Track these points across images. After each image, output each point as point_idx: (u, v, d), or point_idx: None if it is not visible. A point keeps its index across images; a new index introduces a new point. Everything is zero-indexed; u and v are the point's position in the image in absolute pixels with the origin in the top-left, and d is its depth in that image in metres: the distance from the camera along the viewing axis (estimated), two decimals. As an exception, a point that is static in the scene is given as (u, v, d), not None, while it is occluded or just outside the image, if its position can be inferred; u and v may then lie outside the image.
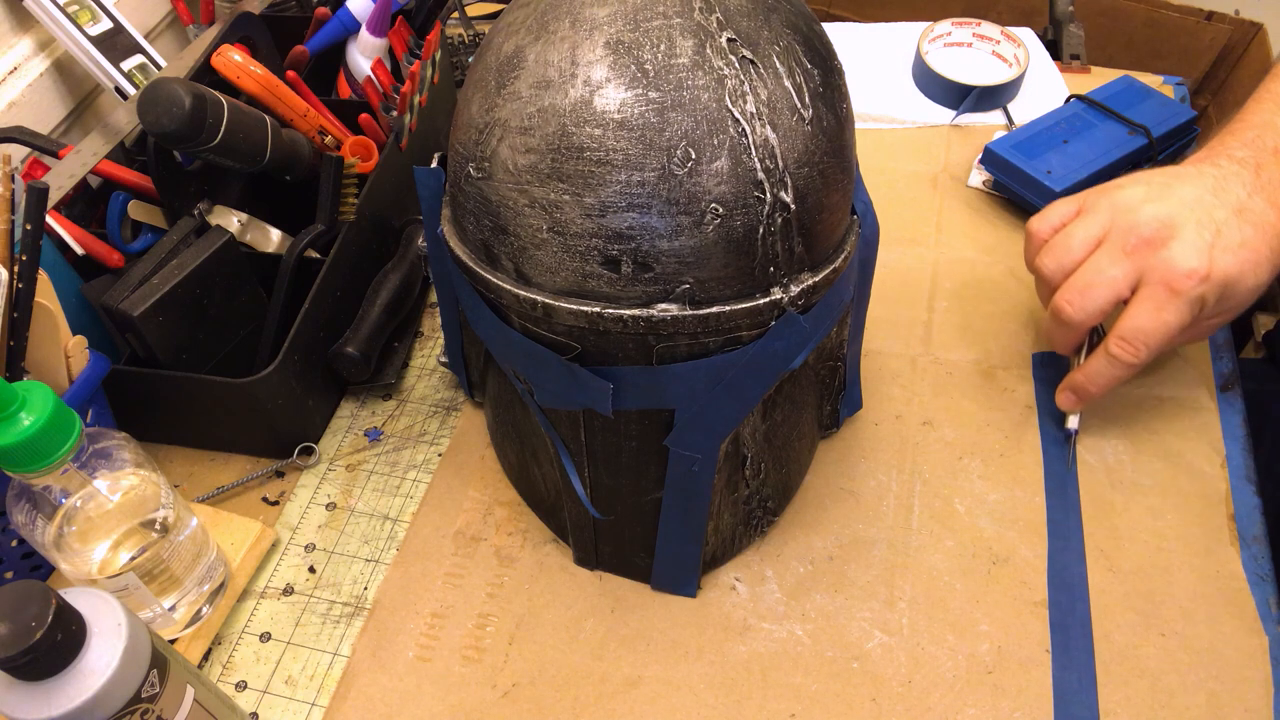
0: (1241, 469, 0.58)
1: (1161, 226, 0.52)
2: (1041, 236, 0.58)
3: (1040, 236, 0.58)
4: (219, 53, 0.64)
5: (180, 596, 0.51)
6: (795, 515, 0.57)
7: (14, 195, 0.48)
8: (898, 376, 0.64)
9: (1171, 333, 0.53)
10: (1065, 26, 0.88)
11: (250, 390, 0.56)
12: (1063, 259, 0.56)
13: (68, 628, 0.35)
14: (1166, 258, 0.52)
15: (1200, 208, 0.53)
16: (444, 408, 0.65)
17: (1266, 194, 0.53)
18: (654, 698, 0.50)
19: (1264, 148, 0.55)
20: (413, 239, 0.70)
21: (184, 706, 0.41)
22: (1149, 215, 0.53)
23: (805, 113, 0.40)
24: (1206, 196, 0.53)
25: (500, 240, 0.42)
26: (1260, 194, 0.53)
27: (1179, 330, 0.53)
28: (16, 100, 0.72)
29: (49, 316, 0.50)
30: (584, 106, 0.38)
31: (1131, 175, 0.57)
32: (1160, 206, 0.53)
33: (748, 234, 0.40)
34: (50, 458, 0.41)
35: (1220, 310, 0.54)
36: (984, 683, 0.50)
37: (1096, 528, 0.56)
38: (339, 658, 0.53)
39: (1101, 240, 0.55)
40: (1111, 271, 0.53)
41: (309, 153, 0.66)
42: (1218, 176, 0.54)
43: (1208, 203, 0.53)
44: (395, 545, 0.58)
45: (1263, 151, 0.54)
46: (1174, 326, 0.52)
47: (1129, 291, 0.54)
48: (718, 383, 0.43)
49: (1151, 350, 0.53)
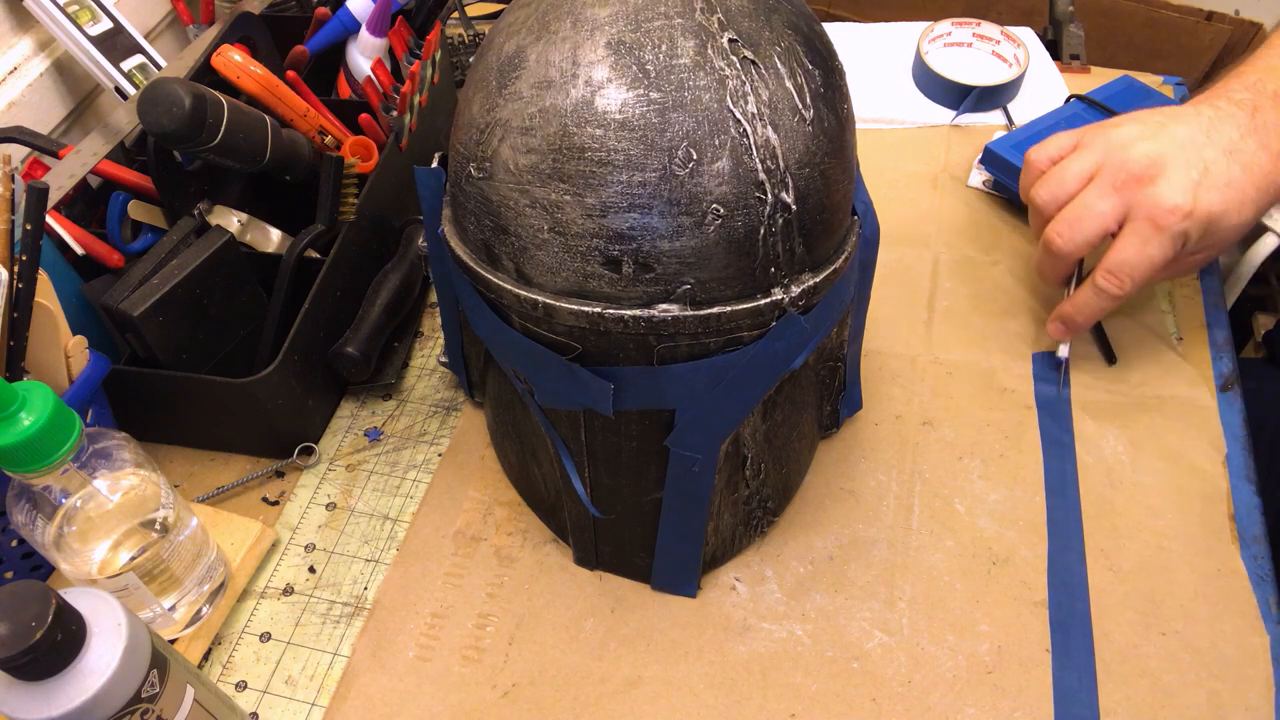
0: (1241, 469, 0.58)
1: (1151, 164, 0.54)
2: (1039, 167, 0.61)
3: (1038, 167, 0.61)
4: (219, 53, 0.64)
5: (180, 596, 0.51)
6: (795, 515, 0.57)
7: (14, 195, 0.48)
8: (898, 376, 0.64)
9: (1155, 266, 0.55)
10: (1065, 26, 0.88)
11: (250, 390, 0.56)
12: (1056, 191, 0.58)
13: (68, 628, 0.35)
14: (1153, 194, 0.54)
15: (1191, 147, 0.54)
16: (444, 408, 0.65)
17: (1260, 136, 0.55)
18: (654, 698, 0.50)
19: (1263, 91, 0.56)
20: (413, 239, 0.70)
21: (184, 706, 0.41)
22: (1140, 153, 0.55)
23: (806, 113, 0.40)
24: (1199, 136, 0.55)
25: (501, 240, 0.42)
26: (1253, 136, 0.55)
27: (1162, 264, 0.55)
28: (16, 100, 0.72)
29: (49, 316, 0.50)
30: (585, 107, 0.38)
31: (1130, 114, 0.59)
32: (1152, 145, 0.55)
33: (749, 234, 0.40)
34: (50, 458, 0.41)
35: (1203, 246, 0.56)
36: (984, 682, 0.50)
37: (1096, 527, 0.56)
38: (339, 658, 0.53)
39: (1094, 175, 0.57)
40: (1100, 206, 0.56)
41: (309, 153, 0.66)
42: (1213, 117, 0.55)
43: (1199, 142, 0.54)
44: (395, 545, 0.58)
45: (1262, 95, 0.56)
46: (1157, 260, 0.55)
47: (1116, 226, 0.56)
48: (718, 383, 0.43)
49: (1136, 282, 0.56)
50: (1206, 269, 0.69)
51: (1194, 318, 0.66)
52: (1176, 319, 0.66)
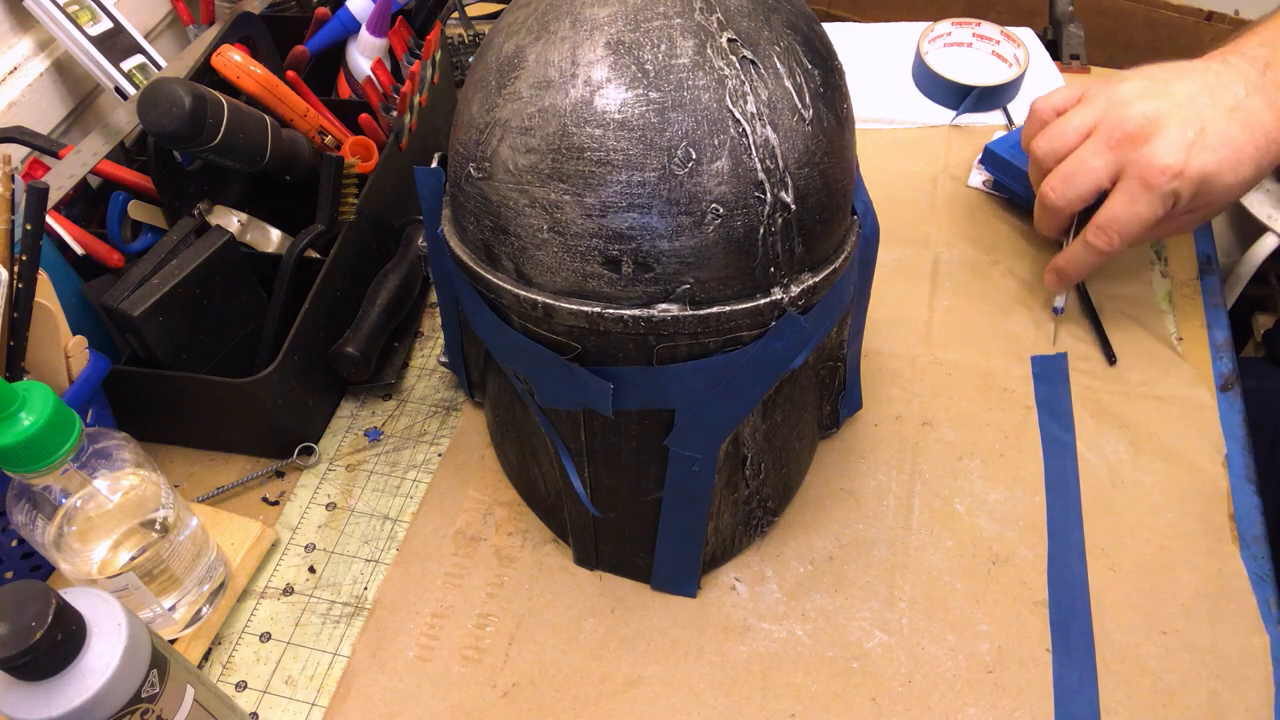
0: (1241, 469, 0.58)
1: (1147, 123, 0.55)
2: (1042, 118, 0.61)
3: (1041, 117, 0.61)
4: (219, 53, 0.64)
5: (180, 596, 0.51)
6: (795, 515, 0.57)
7: (14, 195, 0.48)
8: (898, 376, 0.64)
9: (1145, 224, 0.56)
10: (1065, 26, 0.88)
11: (250, 390, 0.56)
12: (1055, 144, 0.59)
13: (68, 628, 0.35)
14: (1146, 153, 0.54)
15: (1190, 105, 0.55)
16: (444, 408, 0.65)
17: (1267, 94, 0.55)
18: (654, 698, 0.50)
19: (1279, 47, 0.56)
20: (413, 239, 0.70)
21: (184, 706, 0.41)
22: (1138, 111, 0.55)
23: (806, 113, 0.40)
24: (1201, 95, 0.55)
25: (501, 240, 0.42)
26: (1260, 93, 0.55)
27: (1152, 222, 0.56)
28: (16, 100, 0.72)
29: (49, 316, 0.50)
30: (584, 107, 0.38)
31: (1138, 69, 0.59)
32: (1151, 103, 0.55)
33: (748, 234, 0.40)
34: (50, 458, 0.41)
35: (1197, 205, 0.56)
36: (984, 682, 0.50)
37: (1097, 526, 0.56)
38: (339, 658, 0.53)
39: (1092, 130, 0.57)
40: (1094, 163, 0.56)
41: (309, 153, 0.66)
42: (1220, 73, 0.55)
43: (1200, 101, 0.55)
44: (395, 545, 0.58)
45: (1277, 50, 0.56)
46: (1146, 218, 0.55)
47: (1109, 183, 0.57)
48: (718, 383, 0.43)
49: (1125, 239, 0.57)
50: (1207, 270, 0.68)
51: (1194, 318, 0.66)
52: (1176, 319, 0.66)
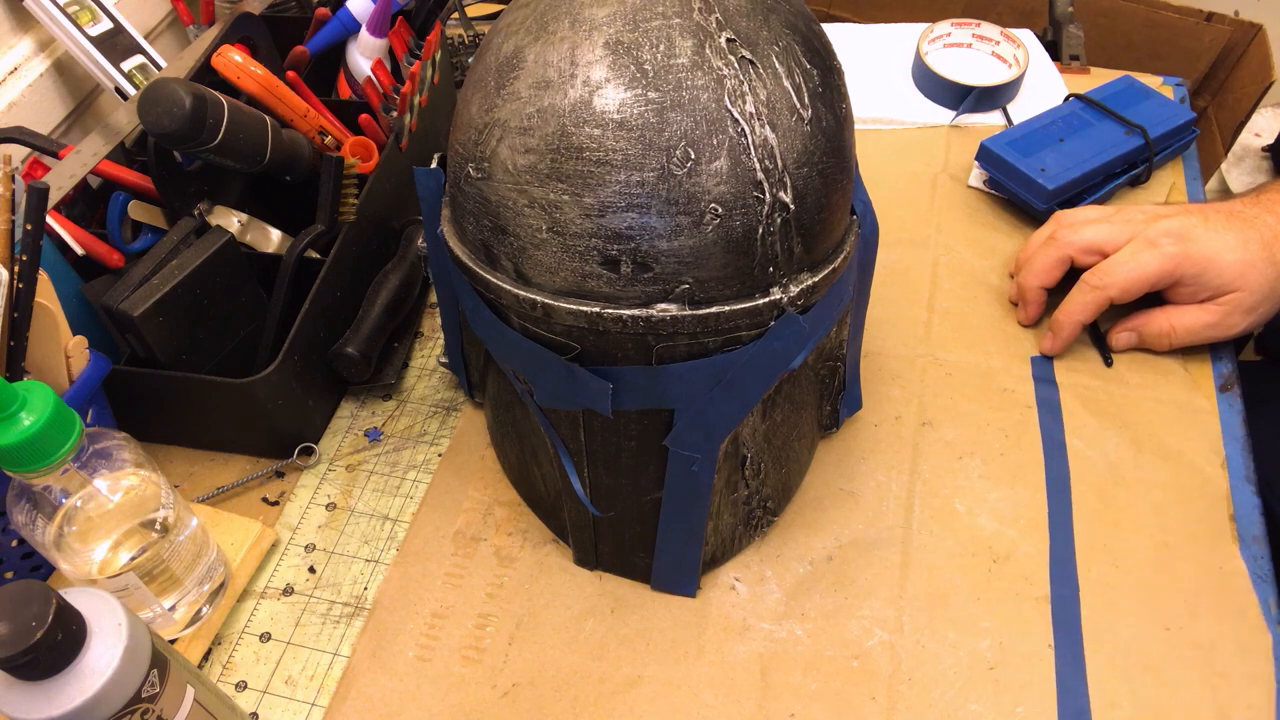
0: (1241, 469, 0.58)
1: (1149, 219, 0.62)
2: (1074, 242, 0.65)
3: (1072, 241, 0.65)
4: (219, 53, 0.64)
5: (180, 596, 0.51)
6: (795, 515, 0.57)
7: (14, 195, 0.48)
8: (898, 376, 0.64)
9: (1143, 274, 0.60)
10: (1065, 27, 0.88)
11: (250, 390, 0.56)
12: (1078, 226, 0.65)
13: (68, 628, 0.35)
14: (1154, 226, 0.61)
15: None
16: (444, 408, 0.65)
17: (1265, 205, 0.60)
18: (654, 698, 0.50)
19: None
20: (413, 239, 0.70)
21: (184, 706, 0.41)
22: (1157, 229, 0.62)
23: (805, 113, 0.40)
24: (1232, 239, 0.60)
25: (500, 240, 0.42)
26: (1258, 205, 0.60)
27: (1153, 276, 0.60)
28: (16, 100, 0.72)
29: (49, 316, 0.50)
30: (583, 107, 0.38)
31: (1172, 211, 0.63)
32: (1166, 223, 0.61)
33: (747, 234, 0.40)
34: (50, 458, 0.41)
35: (1202, 285, 0.60)
36: (986, 678, 0.50)
37: (1098, 525, 0.56)
38: (339, 658, 0.53)
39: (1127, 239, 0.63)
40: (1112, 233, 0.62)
41: (309, 153, 0.66)
42: (1246, 218, 0.60)
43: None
44: (395, 545, 0.58)
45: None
46: (1147, 269, 0.59)
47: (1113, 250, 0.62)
48: (717, 383, 0.44)
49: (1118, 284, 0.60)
50: None
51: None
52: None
